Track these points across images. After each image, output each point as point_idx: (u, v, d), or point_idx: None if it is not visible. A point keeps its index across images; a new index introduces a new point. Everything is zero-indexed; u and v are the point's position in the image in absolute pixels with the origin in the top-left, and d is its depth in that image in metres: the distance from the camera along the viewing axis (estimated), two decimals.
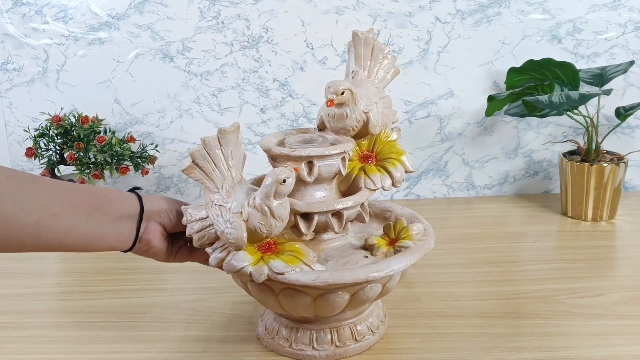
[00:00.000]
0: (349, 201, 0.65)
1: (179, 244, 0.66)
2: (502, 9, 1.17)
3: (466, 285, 0.85)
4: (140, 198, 0.62)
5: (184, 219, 0.61)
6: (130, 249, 0.61)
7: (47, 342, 0.74)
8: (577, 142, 1.12)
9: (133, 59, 1.20)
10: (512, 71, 1.13)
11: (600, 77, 1.10)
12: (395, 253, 0.65)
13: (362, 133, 0.70)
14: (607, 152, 1.10)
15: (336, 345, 0.67)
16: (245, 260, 0.58)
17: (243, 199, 0.58)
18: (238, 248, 0.58)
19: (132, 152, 1.12)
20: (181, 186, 1.26)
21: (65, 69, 1.20)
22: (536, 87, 1.07)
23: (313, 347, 0.66)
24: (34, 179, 0.54)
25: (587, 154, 1.09)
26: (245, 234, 0.56)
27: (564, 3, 1.17)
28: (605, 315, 0.75)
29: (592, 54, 1.19)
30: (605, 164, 1.05)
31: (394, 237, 0.69)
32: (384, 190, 0.69)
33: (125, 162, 1.11)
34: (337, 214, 0.65)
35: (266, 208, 0.56)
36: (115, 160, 1.09)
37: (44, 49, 1.19)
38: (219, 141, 0.58)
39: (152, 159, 1.15)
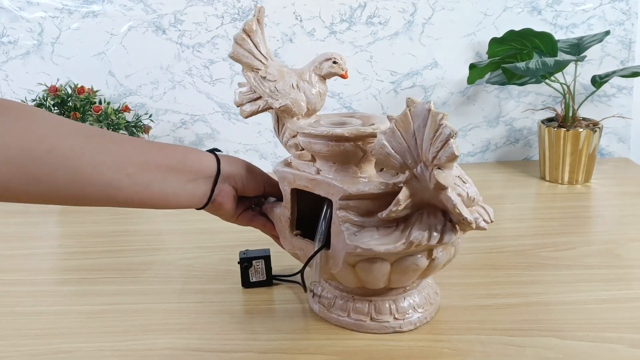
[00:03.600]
0: None
1: (244, 206, 0.68)
2: None
3: None
4: (218, 160, 0.63)
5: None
6: (202, 208, 0.64)
7: (53, 295, 0.79)
8: (554, 110, 1.17)
9: (126, 31, 1.23)
10: (494, 42, 1.17)
11: (578, 47, 1.14)
12: None
13: None
14: (583, 119, 1.16)
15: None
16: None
17: None
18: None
19: (127, 121, 1.16)
20: None
21: (60, 41, 1.23)
22: (516, 55, 1.12)
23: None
24: (111, 137, 0.55)
25: (564, 121, 1.14)
26: None
27: None
28: (575, 265, 0.81)
29: (571, 24, 1.24)
30: (581, 130, 1.10)
31: None
32: None
33: (121, 131, 1.14)
34: None
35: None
36: (111, 129, 1.12)
37: (39, 22, 1.22)
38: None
39: (146, 129, 1.19)
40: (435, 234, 0.55)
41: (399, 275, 0.61)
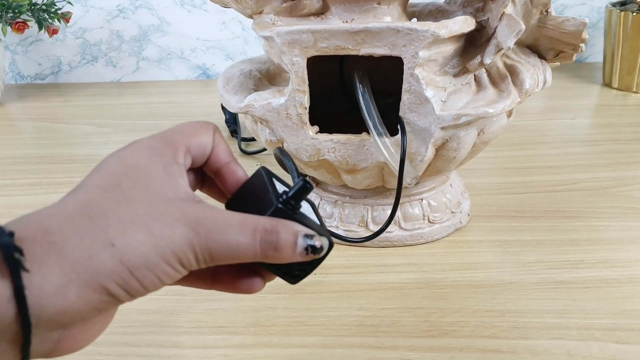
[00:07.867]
0: None
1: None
2: None
3: (486, 175, 0.61)
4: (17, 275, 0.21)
5: None
6: None
7: None
8: None
9: None
10: None
11: None
12: None
13: None
14: None
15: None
16: None
17: None
18: None
19: (34, 4, 0.83)
20: (112, 56, 0.98)
21: None
22: None
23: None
24: None
25: None
26: None
27: None
28: None
29: None
30: None
31: None
32: None
33: (24, 16, 0.82)
34: None
35: None
36: (9, 14, 0.80)
37: None
38: None
39: (64, 16, 0.86)
40: (541, 76, 0.45)
41: (482, 145, 0.46)
